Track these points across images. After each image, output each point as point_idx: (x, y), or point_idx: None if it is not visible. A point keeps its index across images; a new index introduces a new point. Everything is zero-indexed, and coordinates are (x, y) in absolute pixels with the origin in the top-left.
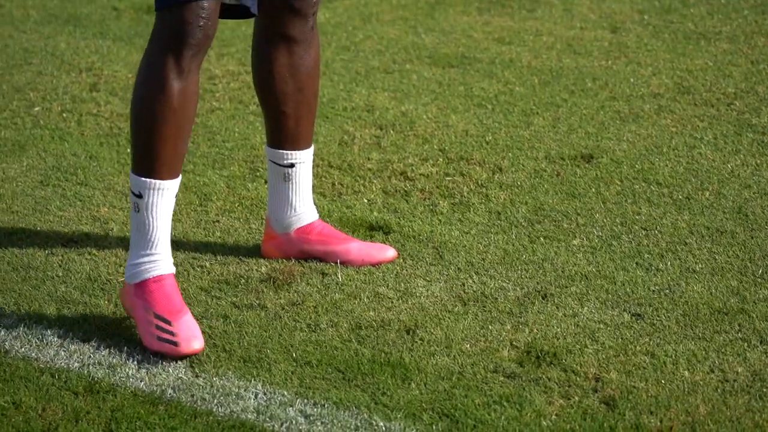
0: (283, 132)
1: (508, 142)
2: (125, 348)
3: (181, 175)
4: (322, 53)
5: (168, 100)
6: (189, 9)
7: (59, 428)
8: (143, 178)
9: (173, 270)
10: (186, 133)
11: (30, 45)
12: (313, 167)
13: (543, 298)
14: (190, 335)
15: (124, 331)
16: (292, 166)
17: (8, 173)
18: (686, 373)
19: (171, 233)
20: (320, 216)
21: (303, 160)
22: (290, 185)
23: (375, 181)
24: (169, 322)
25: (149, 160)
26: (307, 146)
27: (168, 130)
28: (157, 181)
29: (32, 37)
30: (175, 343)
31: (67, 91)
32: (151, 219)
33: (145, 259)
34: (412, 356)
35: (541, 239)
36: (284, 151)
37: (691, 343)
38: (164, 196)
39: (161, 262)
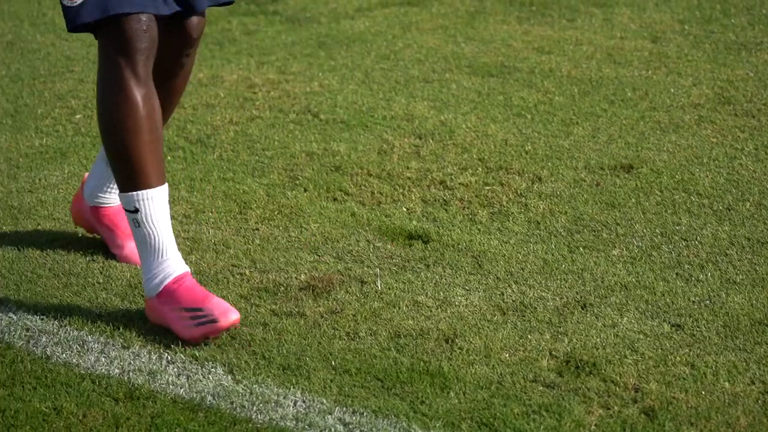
0: None
1: (547, 152)
2: (165, 355)
3: (166, 183)
4: (361, 62)
5: (135, 108)
6: (130, 19)
7: None
8: (134, 192)
9: (187, 269)
10: (159, 135)
11: (72, 53)
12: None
13: (582, 308)
14: (224, 309)
15: (164, 338)
16: None
17: (50, 180)
18: (726, 384)
19: (211, 240)
20: (358, 225)
21: None
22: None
23: (414, 190)
24: (200, 309)
25: (135, 173)
26: None
27: (143, 138)
28: (148, 191)
29: (74, 45)
30: (213, 320)
31: None
32: (152, 229)
33: (159, 269)
34: (451, 365)
35: (581, 249)
36: None
37: (732, 354)
38: (159, 203)
39: (173, 265)
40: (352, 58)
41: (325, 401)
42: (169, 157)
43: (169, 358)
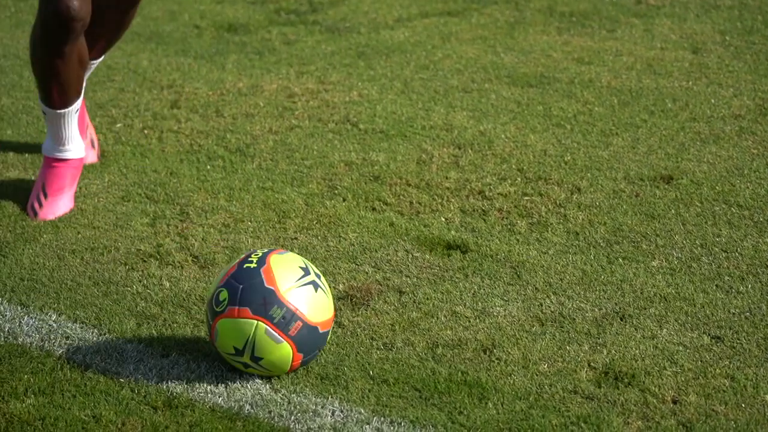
0: None
1: (586, 163)
2: (203, 363)
3: (80, 98)
4: (400, 72)
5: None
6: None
7: None
8: (46, 106)
9: (81, 155)
10: (78, 73)
11: (113, 62)
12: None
13: (621, 320)
14: (52, 209)
15: (203, 347)
16: None
17: (90, 189)
18: (767, 397)
19: (244, 249)
20: (397, 235)
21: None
22: None
23: (453, 200)
24: (45, 195)
25: (48, 96)
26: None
27: (61, 73)
28: (57, 111)
29: (115, 55)
30: (35, 213)
31: (148, 108)
32: (58, 128)
33: (56, 146)
34: (489, 376)
35: (620, 260)
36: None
37: None
38: (66, 117)
39: (69, 152)
40: (392, 68)
41: (363, 411)
42: (208, 166)
43: (207, 366)
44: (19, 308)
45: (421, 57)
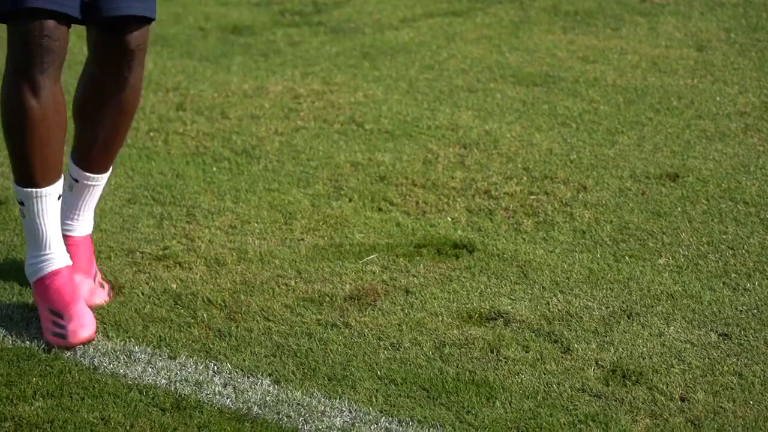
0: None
1: (592, 161)
2: (211, 365)
3: (61, 178)
4: (405, 72)
5: (29, 117)
6: (29, 31)
7: None
8: (22, 188)
9: (68, 263)
10: (53, 141)
11: None
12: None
13: (628, 318)
14: (77, 326)
15: (211, 349)
16: (76, 181)
17: None
18: None
19: (257, 251)
20: (403, 235)
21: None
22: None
23: (459, 200)
24: (61, 316)
25: (24, 172)
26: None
27: (34, 142)
28: (34, 190)
29: None
30: (63, 336)
31: (154, 111)
32: (37, 223)
33: (39, 258)
34: (496, 375)
35: (627, 258)
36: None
37: None
38: (45, 202)
39: (54, 259)
40: (397, 68)
41: (371, 411)
42: (214, 168)
43: (215, 368)
44: (27, 311)
45: (425, 57)
